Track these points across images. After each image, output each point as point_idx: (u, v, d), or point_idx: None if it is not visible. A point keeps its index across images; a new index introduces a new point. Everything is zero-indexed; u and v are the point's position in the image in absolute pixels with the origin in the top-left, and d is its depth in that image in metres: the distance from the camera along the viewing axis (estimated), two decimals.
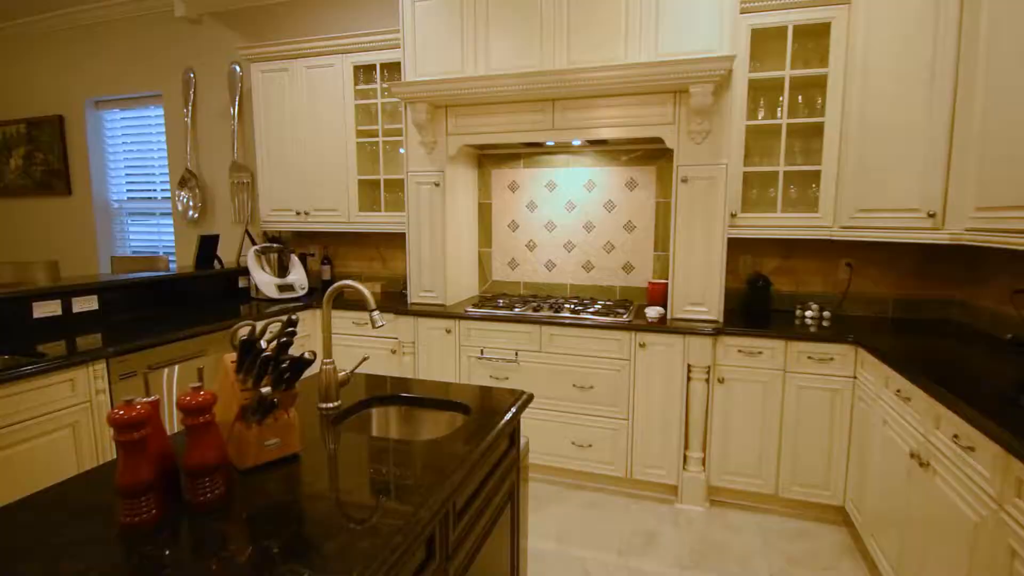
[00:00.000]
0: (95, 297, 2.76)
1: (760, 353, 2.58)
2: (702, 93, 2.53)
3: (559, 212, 3.36)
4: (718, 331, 2.60)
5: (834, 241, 2.90)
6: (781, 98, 2.82)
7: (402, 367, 3.16)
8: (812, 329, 2.61)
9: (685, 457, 2.72)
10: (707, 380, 2.65)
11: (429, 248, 3.19)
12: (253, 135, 3.69)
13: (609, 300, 3.25)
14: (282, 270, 3.44)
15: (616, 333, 2.73)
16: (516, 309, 2.96)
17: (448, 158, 3.10)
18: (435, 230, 3.16)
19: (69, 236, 4.72)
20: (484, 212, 3.52)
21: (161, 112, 4.31)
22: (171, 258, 4.37)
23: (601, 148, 3.24)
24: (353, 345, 3.29)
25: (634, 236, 3.25)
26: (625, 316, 2.80)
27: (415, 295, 3.26)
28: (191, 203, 4.19)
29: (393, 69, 3.35)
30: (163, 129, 4.32)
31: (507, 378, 2.95)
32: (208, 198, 4.21)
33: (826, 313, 2.83)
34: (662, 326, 2.65)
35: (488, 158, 3.47)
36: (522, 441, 1.88)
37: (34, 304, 2.52)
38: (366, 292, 1.49)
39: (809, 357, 2.52)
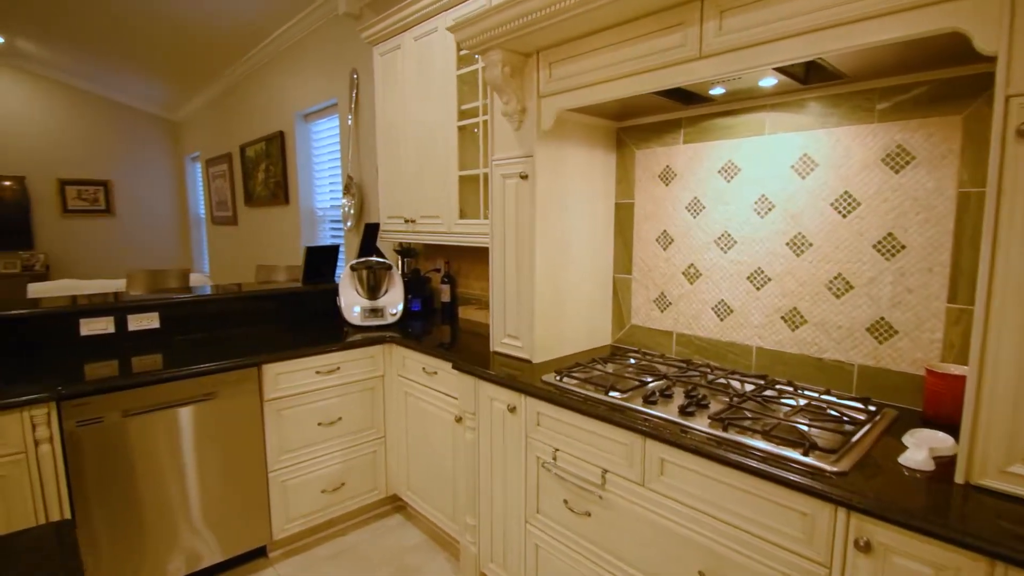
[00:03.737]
0: (156, 315, 2.42)
1: None
2: None
3: (743, 216, 1.80)
4: None
5: None
6: None
7: (464, 448, 2.07)
8: None
9: None
10: None
11: (515, 272, 2.02)
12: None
13: (830, 392, 1.58)
14: (372, 290, 2.69)
15: (794, 497, 1.14)
16: (632, 382, 1.58)
17: (541, 133, 1.87)
18: (521, 245, 1.97)
19: (287, 243, 4.93)
20: (623, 218, 2.16)
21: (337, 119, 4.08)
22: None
23: (829, 88, 1.58)
24: (422, 400, 2.33)
25: (899, 266, 1.50)
26: (839, 454, 1.17)
27: (497, 341, 2.13)
28: (351, 210, 3.82)
29: None
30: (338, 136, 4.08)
31: (588, 514, 1.60)
32: (365, 204, 3.79)
33: None
34: (937, 520, 0.98)
35: (629, 132, 2.10)
36: None
37: (82, 321, 2.26)
38: None
39: None
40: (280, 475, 2.22)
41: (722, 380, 1.69)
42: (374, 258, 2.70)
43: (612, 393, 1.58)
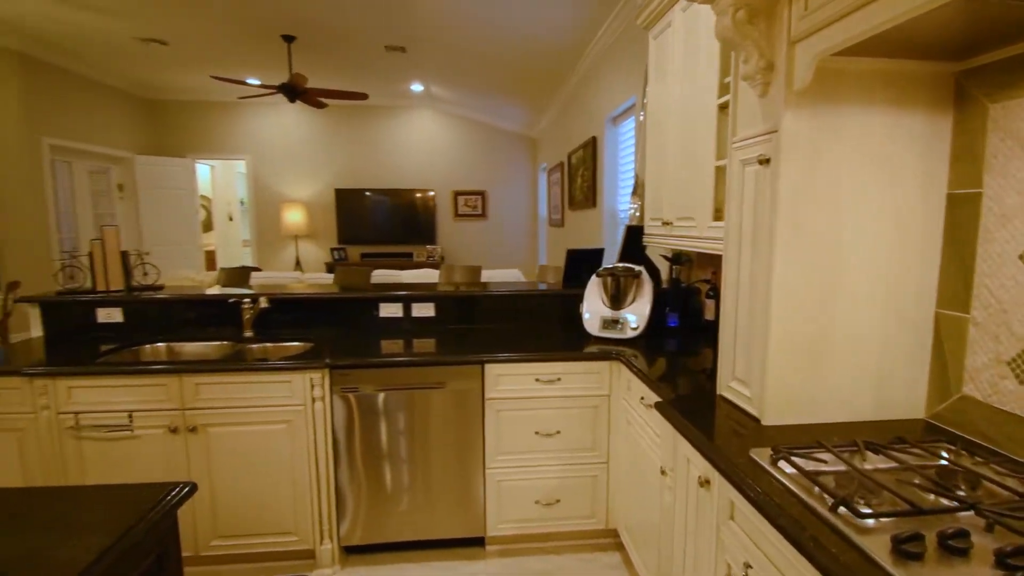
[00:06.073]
0: (432, 305, 2.71)
1: None
2: None
3: None
4: None
5: None
6: None
7: (663, 509, 1.60)
8: None
9: None
10: None
11: (747, 293, 1.44)
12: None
13: None
14: (614, 300, 2.38)
15: None
16: (899, 501, 0.91)
17: (791, 97, 1.26)
18: (757, 256, 1.39)
19: (592, 244, 4.99)
20: (961, 219, 1.28)
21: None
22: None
23: None
24: (639, 435, 1.91)
25: None
26: None
27: (723, 384, 1.57)
28: (636, 213, 3.55)
29: None
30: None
31: None
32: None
33: None
34: None
35: (977, 77, 1.21)
36: None
37: (380, 305, 2.70)
38: None
39: None
40: (496, 474, 2.21)
41: None
42: (621, 264, 2.41)
43: (843, 509, 0.94)
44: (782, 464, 1.13)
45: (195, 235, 7.89)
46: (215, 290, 2.82)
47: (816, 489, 1.02)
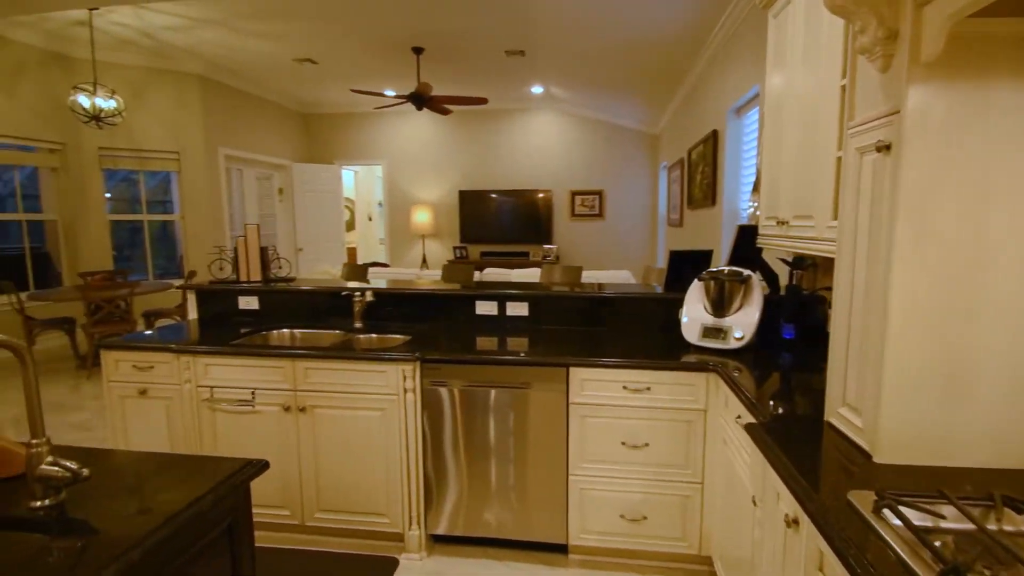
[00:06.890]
0: (525, 304, 2.69)
1: None
2: None
3: None
4: None
5: None
6: None
7: (753, 545, 1.40)
8: None
9: None
10: None
11: (861, 304, 1.22)
12: None
13: None
14: (716, 306, 2.15)
15: None
16: None
17: (917, 69, 1.03)
18: (873, 261, 1.16)
19: (710, 246, 4.63)
20: None
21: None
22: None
23: None
24: (734, 456, 1.71)
25: None
26: None
27: (832, 409, 1.35)
28: (755, 211, 3.21)
29: None
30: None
31: None
32: None
33: None
34: None
35: None
36: None
37: (477, 302, 2.74)
38: None
39: None
40: (579, 482, 2.13)
41: None
42: (727, 267, 2.19)
43: None
44: (886, 514, 0.93)
45: (340, 234, 8.72)
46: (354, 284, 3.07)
47: (926, 552, 0.83)
